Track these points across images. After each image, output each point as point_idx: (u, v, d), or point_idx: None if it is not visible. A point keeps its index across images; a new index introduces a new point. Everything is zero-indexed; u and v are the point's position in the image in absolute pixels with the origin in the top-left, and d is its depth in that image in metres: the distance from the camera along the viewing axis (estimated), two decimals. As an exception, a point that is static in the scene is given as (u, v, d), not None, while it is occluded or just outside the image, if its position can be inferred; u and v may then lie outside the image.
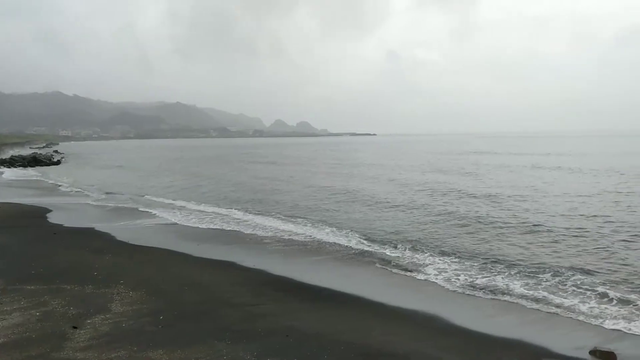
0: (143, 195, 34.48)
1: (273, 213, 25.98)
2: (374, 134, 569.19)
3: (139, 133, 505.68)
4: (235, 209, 27.59)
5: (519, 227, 20.55)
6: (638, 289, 12.68)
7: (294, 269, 15.46)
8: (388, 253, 17.15)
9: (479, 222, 21.75)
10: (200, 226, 23.02)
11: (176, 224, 23.62)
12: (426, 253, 16.89)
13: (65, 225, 22.56)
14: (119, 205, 29.97)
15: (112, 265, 15.28)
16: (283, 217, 24.61)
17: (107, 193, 36.14)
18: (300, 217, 24.47)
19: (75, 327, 9.65)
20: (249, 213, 26.31)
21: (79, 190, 38.24)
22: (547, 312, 11.53)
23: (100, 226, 22.34)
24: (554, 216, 22.65)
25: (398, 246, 17.92)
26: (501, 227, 20.53)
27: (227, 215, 25.80)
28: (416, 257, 16.43)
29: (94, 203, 30.91)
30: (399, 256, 16.73)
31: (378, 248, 17.86)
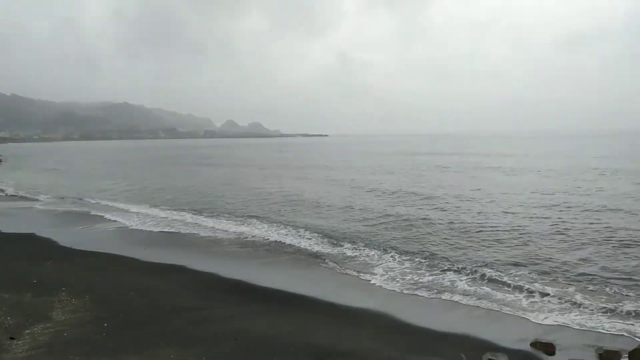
0: (89, 199, 33.26)
1: (225, 215, 25.72)
2: (326, 135, 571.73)
3: (83, 134, 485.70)
4: (186, 212, 27.10)
5: (462, 226, 21.15)
6: (574, 284, 13.32)
7: (245, 271, 15.34)
8: (338, 254, 17.32)
9: (425, 223, 22.24)
10: (148, 230, 22.47)
11: (124, 227, 22.96)
12: (375, 253, 17.13)
13: (3, 231, 21.47)
14: (65, 209, 28.86)
15: (54, 271, 14.66)
16: (235, 219, 24.38)
17: (52, 197, 34.74)
18: (251, 219, 24.31)
19: (12, 338, 9.19)
20: (200, 215, 25.92)
21: (24, 194, 36.55)
22: (491, 308, 11.94)
23: (42, 231, 21.40)
24: (495, 215, 23.53)
25: (348, 247, 18.11)
26: (445, 228, 21.06)
27: (177, 219, 25.27)
28: (366, 258, 16.67)
29: (39, 207, 29.62)
30: (349, 257, 16.92)
31: (329, 249, 18.00)
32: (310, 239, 19.59)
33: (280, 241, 19.44)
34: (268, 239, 19.99)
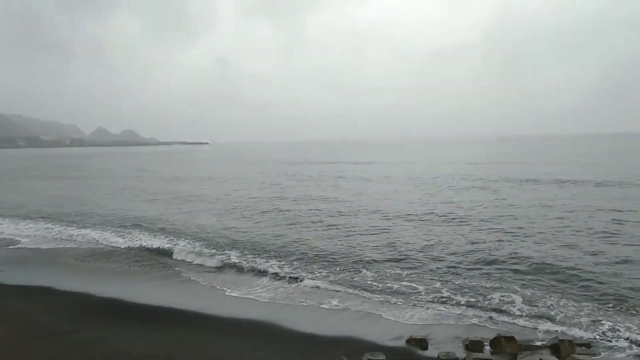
0: None
1: (97, 227, 24.05)
2: (207, 143, 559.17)
3: None
4: (51, 224, 24.91)
5: (340, 229, 22.08)
6: (440, 280, 14.44)
7: (121, 288, 14.48)
8: (221, 265, 17.05)
9: (303, 228, 22.79)
10: (4, 247, 20.23)
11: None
12: (259, 262, 17.07)
13: None
14: None
15: None
16: (107, 232, 22.87)
17: None
18: (126, 230, 23.07)
19: None
20: (70, 228, 24.02)
21: None
22: (369, 311, 12.49)
23: None
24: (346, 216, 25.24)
25: (230, 257, 17.85)
26: (317, 235, 21.45)
27: (41, 235, 23.06)
28: (250, 267, 16.56)
29: None
30: (233, 267, 16.73)
31: (210, 260, 17.60)
32: (189, 251, 19.00)
33: (157, 254, 18.68)
34: (144, 251, 19.14)
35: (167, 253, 18.78)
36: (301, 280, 14.88)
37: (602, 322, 11.03)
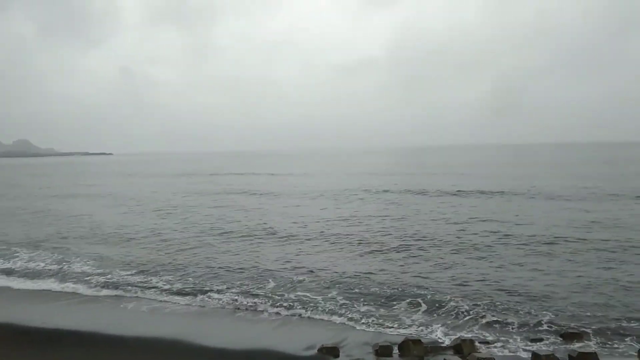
0: None
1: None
2: (110, 154, 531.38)
3: None
4: None
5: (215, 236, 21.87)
6: (351, 290, 14.69)
7: (12, 310, 13.26)
8: (120, 281, 16.16)
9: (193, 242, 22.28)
10: None
11: None
12: (148, 277, 16.43)
13: None
14: None
15: None
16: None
17: None
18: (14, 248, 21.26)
19: None
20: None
21: None
22: (282, 322, 12.41)
23: None
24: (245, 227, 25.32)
25: (130, 273, 17.02)
26: (230, 247, 21.37)
27: None
28: (140, 283, 15.83)
29: None
30: (132, 283, 15.87)
31: (111, 277, 16.67)
32: (85, 267, 17.91)
33: (51, 272, 17.41)
34: (36, 269, 17.76)
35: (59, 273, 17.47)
36: (208, 295, 14.47)
37: (499, 322, 11.80)
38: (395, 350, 10.08)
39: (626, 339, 10.51)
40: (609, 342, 10.40)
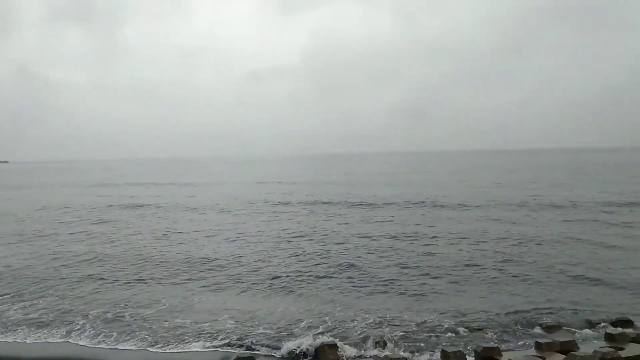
0: None
1: None
2: (6, 162, 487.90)
3: None
4: None
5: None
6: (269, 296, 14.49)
7: None
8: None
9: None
10: None
11: None
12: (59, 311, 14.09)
13: None
14: None
15: None
16: None
17: None
18: None
19: None
20: None
21: None
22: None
23: None
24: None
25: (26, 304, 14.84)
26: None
27: None
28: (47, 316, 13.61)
29: None
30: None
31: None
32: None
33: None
34: None
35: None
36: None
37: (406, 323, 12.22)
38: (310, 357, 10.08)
39: (528, 331, 11.33)
40: (510, 336, 11.09)
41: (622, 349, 8.86)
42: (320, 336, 10.86)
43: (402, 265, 17.42)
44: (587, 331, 11.30)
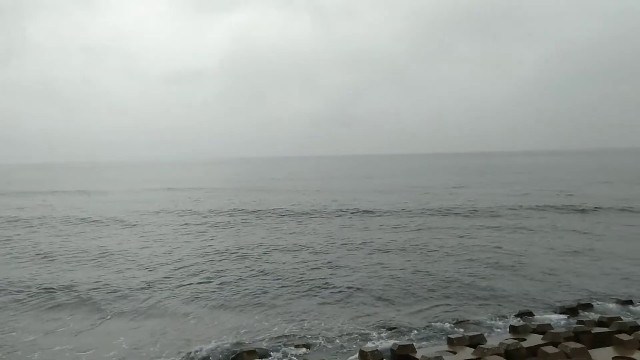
0: None
1: None
2: None
3: None
4: None
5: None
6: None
7: None
8: None
9: None
10: None
11: None
12: None
13: None
14: None
15: None
16: None
17: None
18: None
19: None
20: None
21: None
22: None
23: None
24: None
25: None
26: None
27: None
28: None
29: None
30: None
31: None
32: None
33: None
34: None
35: None
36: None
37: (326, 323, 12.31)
38: (230, 364, 9.86)
39: (441, 327, 11.85)
40: (424, 334, 11.55)
41: (524, 339, 9.46)
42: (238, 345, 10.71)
43: (309, 276, 17.40)
44: (495, 324, 12.03)
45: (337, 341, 11.27)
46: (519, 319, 12.15)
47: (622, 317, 10.83)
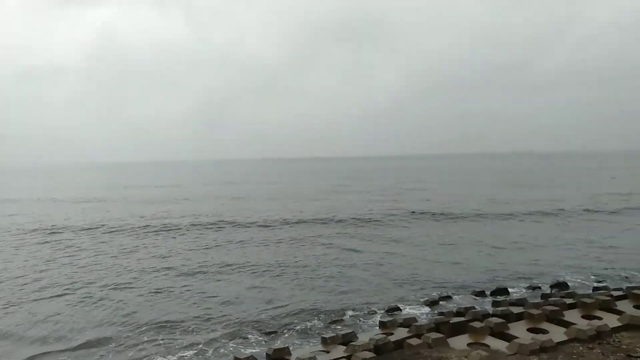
0: None
1: None
2: None
3: None
4: None
5: None
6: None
7: None
8: None
9: None
10: None
11: None
12: None
13: None
14: None
15: None
16: None
17: None
18: None
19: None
20: None
21: None
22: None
23: None
24: None
25: None
26: None
27: None
28: None
29: None
30: None
31: None
32: None
33: None
34: None
35: None
36: None
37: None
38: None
39: (316, 327, 12.13)
40: (300, 336, 11.75)
41: (392, 333, 9.99)
42: None
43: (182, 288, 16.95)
44: (367, 321, 12.61)
45: (211, 350, 11.01)
46: (388, 314, 12.83)
47: (475, 307, 11.91)
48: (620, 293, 11.87)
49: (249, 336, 11.92)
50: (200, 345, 11.33)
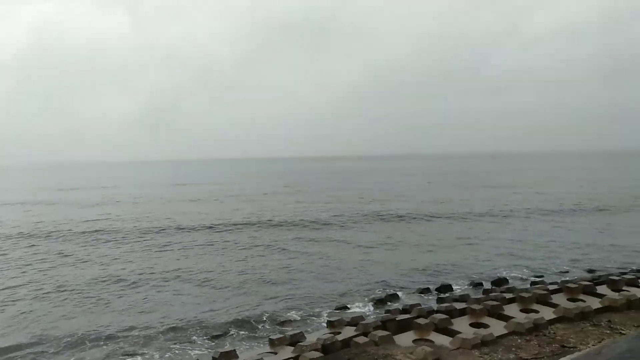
0: None
1: None
2: None
3: None
4: None
5: None
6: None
7: None
8: None
9: None
10: None
11: None
12: None
13: None
14: None
15: None
16: None
17: None
18: None
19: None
20: None
21: None
22: None
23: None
24: None
25: None
26: None
27: None
28: None
29: None
30: None
31: None
32: None
33: None
34: None
35: None
36: None
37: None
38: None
39: (264, 329, 12.01)
40: (247, 339, 11.63)
41: (340, 332, 10.04)
42: None
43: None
44: (315, 320, 12.64)
45: (157, 354, 10.72)
46: (335, 314, 12.91)
47: (421, 304, 12.18)
48: (555, 287, 12.44)
49: (195, 338, 11.70)
50: (145, 350, 11.02)
